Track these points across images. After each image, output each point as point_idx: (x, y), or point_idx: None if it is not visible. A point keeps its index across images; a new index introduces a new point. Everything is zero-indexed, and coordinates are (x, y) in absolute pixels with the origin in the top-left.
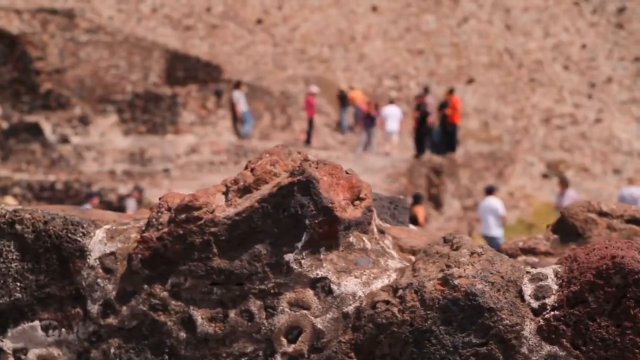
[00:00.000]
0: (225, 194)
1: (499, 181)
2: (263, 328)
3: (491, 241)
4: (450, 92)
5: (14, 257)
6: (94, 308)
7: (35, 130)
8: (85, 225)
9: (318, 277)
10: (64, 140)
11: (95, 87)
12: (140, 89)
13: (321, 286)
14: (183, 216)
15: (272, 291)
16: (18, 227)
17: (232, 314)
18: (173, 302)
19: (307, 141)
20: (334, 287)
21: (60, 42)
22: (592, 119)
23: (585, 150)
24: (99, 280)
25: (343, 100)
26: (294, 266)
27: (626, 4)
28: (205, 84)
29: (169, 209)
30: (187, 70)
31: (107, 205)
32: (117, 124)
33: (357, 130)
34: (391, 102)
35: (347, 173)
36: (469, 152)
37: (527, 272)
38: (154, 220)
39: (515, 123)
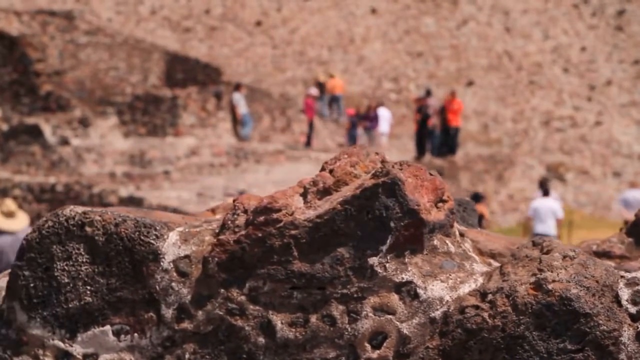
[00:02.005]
0: (304, 195)
1: (499, 184)
2: (346, 333)
3: None
4: (452, 94)
5: (84, 260)
6: (168, 312)
7: (35, 132)
8: (158, 228)
9: (403, 281)
10: (64, 142)
11: (95, 88)
12: (139, 91)
13: (407, 290)
14: (262, 218)
15: (355, 295)
16: (88, 229)
17: (313, 318)
18: (251, 306)
19: (308, 143)
20: (420, 291)
21: (60, 44)
22: (591, 122)
23: (585, 152)
24: (173, 284)
25: (321, 89)
26: (379, 270)
27: (626, 6)
28: (205, 86)
29: (245, 211)
30: (186, 72)
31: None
32: (117, 125)
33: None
34: (381, 104)
35: (430, 174)
36: (468, 154)
37: (622, 277)
38: (229, 222)
39: (515, 125)
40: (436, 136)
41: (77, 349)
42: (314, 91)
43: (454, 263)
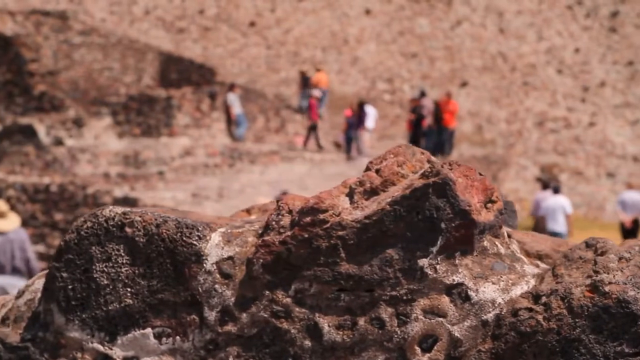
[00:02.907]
0: (349, 195)
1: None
2: (395, 336)
3: (557, 237)
4: (448, 95)
5: (124, 261)
6: (211, 315)
7: (29, 132)
8: (200, 229)
9: (454, 283)
10: (58, 142)
11: (89, 89)
12: (134, 91)
13: (457, 292)
14: (308, 219)
15: (404, 298)
16: (128, 230)
17: (361, 321)
18: (297, 308)
19: (306, 144)
20: (471, 293)
21: (54, 44)
22: (585, 123)
23: (579, 153)
24: (216, 285)
25: (305, 82)
26: (429, 271)
27: (619, 8)
28: (199, 87)
29: (290, 212)
30: (180, 72)
31: None
32: (111, 126)
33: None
34: (365, 102)
35: (480, 175)
36: (463, 155)
37: None
38: (274, 223)
39: (509, 126)
40: (432, 136)
41: (116, 352)
42: (317, 92)
43: (505, 265)
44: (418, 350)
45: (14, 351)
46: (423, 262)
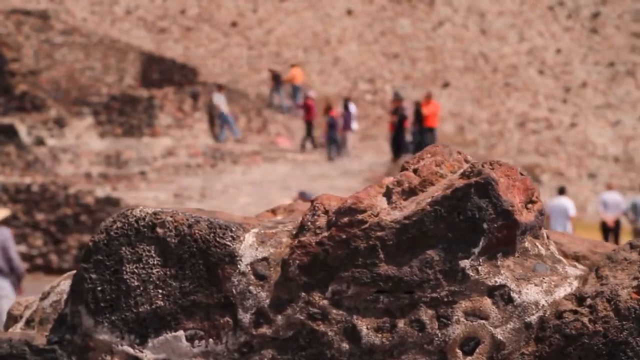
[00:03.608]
0: (387, 195)
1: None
2: (436, 339)
3: None
4: (429, 96)
5: (155, 262)
6: (245, 317)
7: (10, 132)
8: (233, 229)
9: (496, 284)
10: (40, 142)
11: (71, 89)
12: (115, 91)
13: (500, 294)
14: (345, 219)
15: (445, 300)
16: (159, 230)
17: (400, 323)
18: (334, 310)
19: (304, 146)
20: (514, 295)
21: (35, 44)
22: (567, 124)
23: (561, 154)
24: (251, 287)
25: (277, 80)
26: (470, 273)
27: (600, 9)
28: (181, 87)
29: (326, 212)
30: (162, 72)
31: (84, 208)
32: (93, 126)
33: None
34: (349, 100)
35: (521, 174)
36: None
37: None
38: (309, 223)
39: (491, 127)
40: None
41: (147, 355)
42: (313, 93)
43: (547, 266)
44: (459, 353)
45: (40, 354)
46: (464, 263)
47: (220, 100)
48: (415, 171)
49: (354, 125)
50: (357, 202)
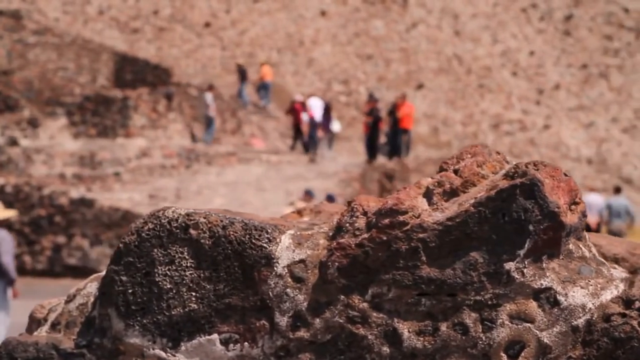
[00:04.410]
0: (426, 196)
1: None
2: (480, 342)
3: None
4: (403, 97)
5: (189, 264)
6: (282, 320)
7: None
8: (269, 231)
9: (542, 287)
10: (13, 142)
11: (44, 89)
12: (88, 92)
13: (546, 297)
14: (386, 221)
15: (489, 302)
16: (193, 232)
17: (443, 327)
18: (374, 313)
19: (293, 148)
20: (560, 298)
21: (7, 43)
22: (540, 125)
23: (534, 156)
24: (288, 290)
25: (242, 74)
26: (516, 275)
27: (573, 11)
28: (155, 87)
29: (364, 213)
30: (135, 73)
31: (58, 209)
32: (66, 126)
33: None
34: (312, 94)
35: (565, 175)
36: (419, 157)
37: None
38: (347, 225)
39: (465, 128)
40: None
41: (180, 359)
42: (300, 97)
43: (591, 268)
44: (504, 356)
45: (68, 358)
46: (509, 265)
47: (210, 101)
48: (455, 172)
49: (335, 126)
50: (399, 203)
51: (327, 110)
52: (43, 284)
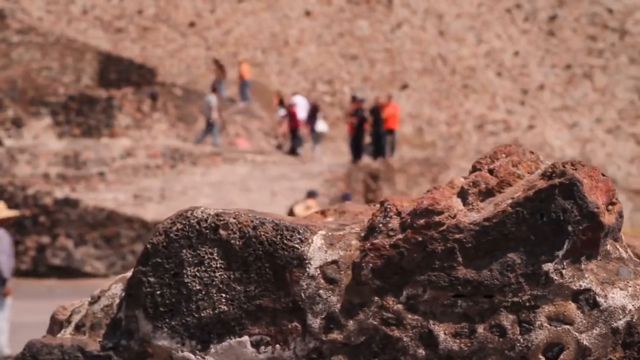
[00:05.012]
0: (461, 196)
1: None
2: (518, 345)
3: None
4: (389, 98)
5: (218, 265)
6: (315, 322)
7: None
8: (301, 231)
9: (581, 288)
10: None
11: (27, 88)
12: (72, 91)
13: (585, 299)
14: (422, 221)
15: (527, 304)
16: (222, 232)
17: (480, 328)
18: (409, 315)
19: (292, 151)
20: (599, 299)
21: None
22: (524, 126)
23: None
24: (321, 291)
25: (220, 70)
26: (554, 277)
27: (557, 12)
28: (139, 87)
29: (398, 214)
30: (119, 72)
31: (43, 209)
32: (51, 126)
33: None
34: (296, 93)
35: (603, 175)
36: (403, 157)
37: None
38: (380, 225)
39: (449, 129)
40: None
41: None
42: (294, 100)
43: (629, 269)
44: (543, 359)
45: None
46: (548, 266)
47: (214, 103)
48: (490, 171)
49: (322, 126)
50: (434, 203)
51: (314, 111)
52: (27, 284)
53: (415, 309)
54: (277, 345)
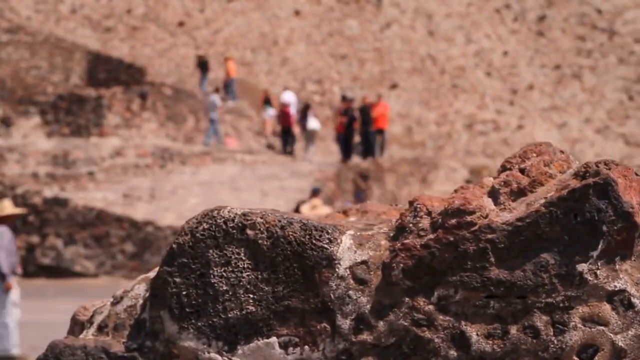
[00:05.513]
0: (492, 196)
1: (423, 186)
2: (551, 346)
3: None
4: (379, 97)
5: (245, 265)
6: (344, 323)
7: None
8: (330, 231)
9: (616, 289)
10: None
11: (16, 87)
12: (61, 90)
13: (619, 299)
14: (453, 221)
15: (561, 305)
16: (250, 232)
17: (513, 330)
18: (440, 316)
19: (286, 151)
20: (635, 300)
21: None
22: (514, 126)
23: (507, 156)
24: (350, 292)
25: (203, 66)
26: (588, 277)
27: (547, 12)
28: (128, 86)
29: (429, 213)
30: (108, 72)
31: (32, 208)
32: (40, 125)
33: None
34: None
35: (636, 175)
36: (393, 157)
37: None
38: (410, 225)
39: (438, 129)
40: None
41: None
42: (289, 99)
43: None
44: None
45: None
46: (582, 267)
47: (218, 103)
48: (522, 171)
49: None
50: (466, 203)
51: (305, 109)
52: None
53: (447, 310)
54: (306, 347)
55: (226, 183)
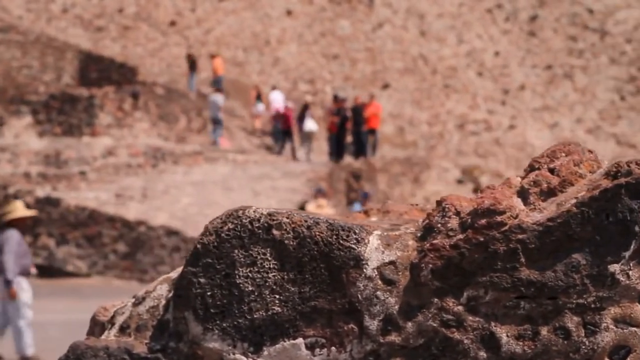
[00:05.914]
0: (521, 196)
1: (415, 186)
2: (583, 347)
3: None
4: (371, 97)
5: (271, 266)
6: (372, 324)
7: None
8: (357, 231)
9: None
10: None
11: (8, 87)
12: (53, 90)
13: None
14: (483, 221)
15: (592, 306)
16: (276, 232)
17: (543, 331)
18: (470, 317)
19: (279, 152)
20: None
21: None
22: (505, 126)
23: (499, 156)
24: (378, 292)
25: (192, 65)
26: (620, 278)
27: (538, 12)
28: (120, 86)
29: (457, 213)
30: (100, 71)
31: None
32: (31, 125)
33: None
34: (274, 87)
35: None
36: (385, 157)
37: None
38: (439, 225)
39: (430, 129)
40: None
41: None
42: (291, 103)
43: None
44: None
45: None
46: (614, 267)
47: (221, 102)
48: (551, 170)
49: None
50: (496, 203)
51: (304, 110)
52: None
53: (477, 311)
54: (333, 348)
55: (218, 183)
